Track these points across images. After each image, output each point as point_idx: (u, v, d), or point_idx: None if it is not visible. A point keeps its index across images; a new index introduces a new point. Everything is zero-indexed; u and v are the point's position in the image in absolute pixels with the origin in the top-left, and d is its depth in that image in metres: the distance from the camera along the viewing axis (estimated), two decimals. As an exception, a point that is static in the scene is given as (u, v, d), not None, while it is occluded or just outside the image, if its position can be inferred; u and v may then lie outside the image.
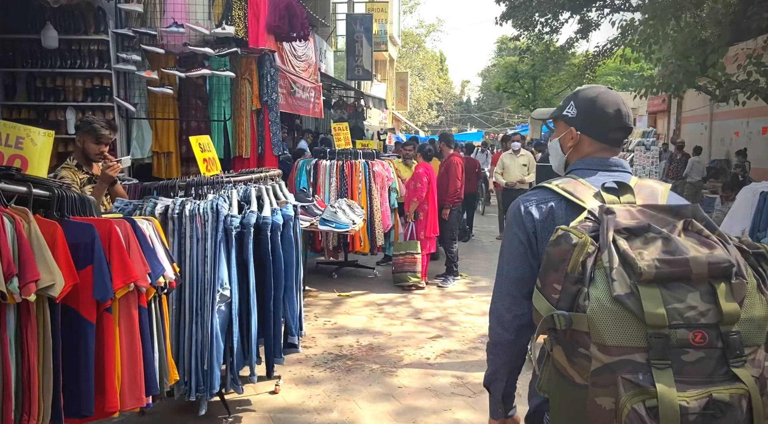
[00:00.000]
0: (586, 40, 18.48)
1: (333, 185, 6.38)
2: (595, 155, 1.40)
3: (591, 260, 1.05)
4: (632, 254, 1.02)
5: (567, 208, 1.29)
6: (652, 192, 1.30)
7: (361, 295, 5.90)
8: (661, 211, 1.14)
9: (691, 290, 1.00)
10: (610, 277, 1.02)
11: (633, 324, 0.99)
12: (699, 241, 1.05)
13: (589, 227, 1.12)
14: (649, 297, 0.98)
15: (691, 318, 0.98)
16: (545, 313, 1.09)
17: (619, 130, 1.40)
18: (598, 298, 1.01)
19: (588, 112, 1.40)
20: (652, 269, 0.99)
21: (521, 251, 1.34)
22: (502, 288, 1.37)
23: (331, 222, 5.12)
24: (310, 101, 10.15)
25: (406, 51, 40.11)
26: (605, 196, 1.23)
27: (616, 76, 36.54)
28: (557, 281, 1.09)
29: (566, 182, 1.33)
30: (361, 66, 17.20)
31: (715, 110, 19.86)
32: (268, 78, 6.15)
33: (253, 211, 2.98)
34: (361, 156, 6.56)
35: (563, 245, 1.09)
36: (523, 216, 1.34)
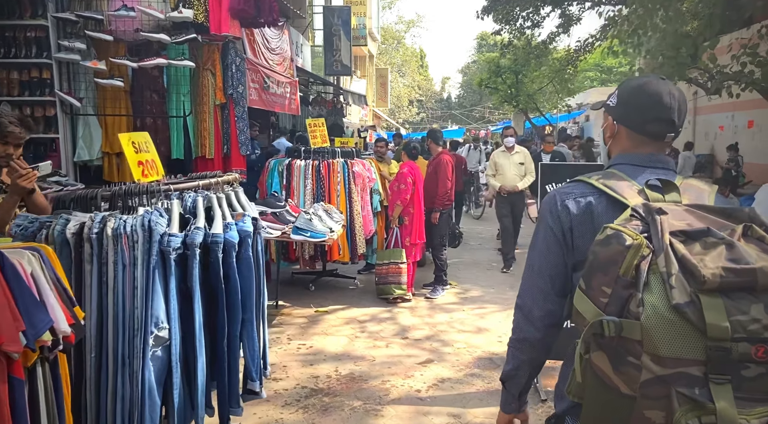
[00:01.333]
0: (567, 35, 18.23)
1: (308, 188, 5.76)
2: (637, 150, 1.31)
3: (645, 264, 0.98)
4: (693, 261, 0.95)
5: (607, 204, 1.21)
6: (698, 192, 1.21)
7: (341, 310, 5.29)
8: (713, 212, 1.06)
9: (755, 301, 0.93)
10: (668, 283, 0.94)
11: (692, 335, 0.92)
12: (762, 249, 0.98)
13: (639, 227, 1.03)
14: (712, 307, 0.92)
15: (754, 331, 0.92)
16: (592, 317, 1.01)
17: (660, 122, 1.27)
18: (653, 305, 0.95)
19: (627, 102, 1.31)
20: (717, 277, 0.92)
21: (555, 246, 1.27)
22: (533, 283, 1.31)
23: (306, 231, 4.50)
24: (286, 97, 9.59)
25: (385, 47, 39.80)
26: (649, 193, 1.15)
27: (596, 71, 36.57)
28: (607, 284, 1.01)
29: (607, 177, 1.24)
30: (340, 61, 16.56)
31: (698, 104, 19.68)
32: (233, 68, 5.50)
33: (199, 227, 2.36)
34: (340, 155, 5.94)
35: (615, 246, 1.01)
36: (560, 209, 1.26)
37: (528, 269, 1.34)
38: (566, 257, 1.27)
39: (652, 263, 0.98)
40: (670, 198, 1.15)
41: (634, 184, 1.21)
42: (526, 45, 20.07)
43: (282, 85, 9.27)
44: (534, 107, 22.09)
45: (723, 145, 17.14)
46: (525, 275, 1.35)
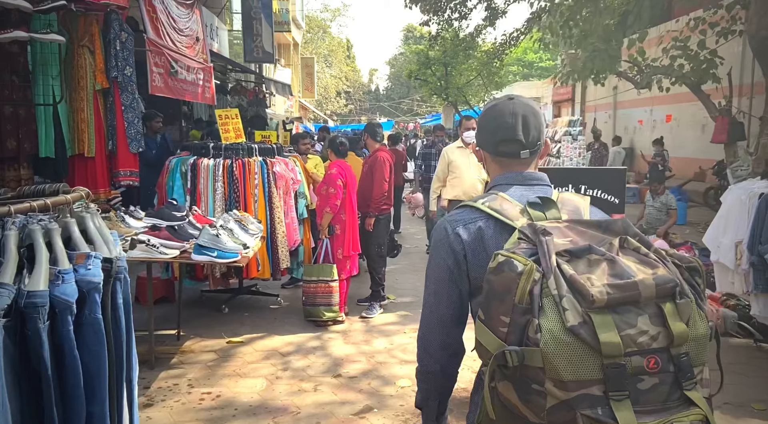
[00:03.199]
0: (493, 28, 18.23)
1: (219, 192, 4.81)
2: (509, 170, 1.32)
3: (538, 288, 0.97)
4: (581, 280, 0.95)
5: (495, 227, 1.21)
6: (575, 206, 1.22)
7: (259, 339, 4.41)
8: (590, 226, 1.08)
9: (641, 313, 0.94)
10: (560, 306, 0.94)
11: (589, 356, 0.92)
12: (639, 260, 1.01)
13: (527, 251, 1.03)
14: (604, 325, 0.92)
15: (643, 343, 0.93)
16: (495, 349, 1.00)
17: (507, 143, 1.30)
18: (550, 329, 0.93)
19: (480, 128, 1.36)
20: (604, 295, 0.93)
21: (450, 277, 1.26)
22: (431, 314, 1.29)
23: (212, 249, 3.59)
24: (198, 84, 8.49)
25: (311, 36, 38.77)
26: (532, 212, 1.17)
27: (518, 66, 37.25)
28: (504, 313, 0.99)
29: (492, 199, 1.25)
30: (261, 47, 15.35)
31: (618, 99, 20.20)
32: (118, 46, 4.45)
33: (5, 283, 1.45)
34: (257, 152, 5.03)
35: (507, 273, 1.00)
36: (451, 238, 1.25)
37: (426, 299, 1.31)
38: (462, 285, 1.26)
39: (543, 287, 0.97)
40: (551, 215, 1.16)
41: (516, 205, 1.21)
42: (454, 37, 19.87)
43: (193, 70, 8.20)
44: (463, 100, 21.86)
45: (642, 140, 17.59)
46: (424, 306, 1.32)
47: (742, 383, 3.59)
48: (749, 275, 3.67)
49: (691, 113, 15.25)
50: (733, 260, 3.73)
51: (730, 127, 8.88)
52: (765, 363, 3.89)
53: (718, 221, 3.92)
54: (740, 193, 3.81)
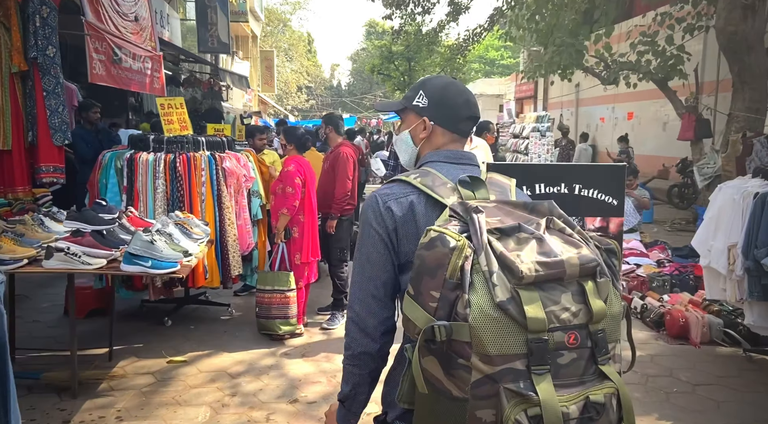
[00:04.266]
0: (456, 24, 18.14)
1: (160, 191, 4.25)
2: (447, 147, 1.35)
3: (469, 264, 0.99)
4: (511, 257, 0.97)
5: (427, 203, 1.22)
6: (502, 187, 1.25)
7: (205, 357, 3.90)
8: (518, 207, 1.12)
9: (564, 290, 0.98)
10: (490, 282, 0.96)
11: (515, 331, 0.94)
12: (564, 240, 1.04)
13: (458, 227, 1.05)
14: (531, 301, 0.95)
15: (565, 320, 0.97)
16: (423, 324, 1.00)
17: (469, 120, 1.36)
18: (479, 305, 0.95)
19: (440, 102, 1.34)
20: (532, 272, 0.95)
21: (383, 250, 1.23)
22: (364, 291, 1.24)
23: (145, 258, 3.06)
24: (146, 74, 7.89)
25: (271, 30, 37.93)
26: (462, 191, 1.18)
27: (480, 63, 37.33)
28: (435, 288, 1.00)
29: (424, 175, 1.25)
30: (216, 37, 14.64)
31: (581, 96, 20.28)
32: (38, 22, 3.86)
33: None
34: (205, 146, 4.50)
35: (440, 249, 1.01)
36: (383, 212, 1.23)
37: (357, 275, 1.26)
38: (394, 260, 1.23)
39: (474, 263, 0.99)
40: (480, 195, 1.18)
41: (448, 182, 1.22)
42: (417, 32, 19.58)
43: (140, 59, 7.59)
44: (427, 96, 21.54)
45: (604, 137, 17.65)
46: (353, 283, 1.27)
47: (738, 400, 3.31)
48: (743, 282, 3.39)
49: (653, 111, 15.35)
50: (725, 265, 3.45)
51: (697, 125, 8.82)
52: (759, 376, 3.64)
53: (708, 222, 3.64)
54: (732, 192, 3.53)
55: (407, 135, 1.38)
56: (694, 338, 4.10)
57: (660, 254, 6.10)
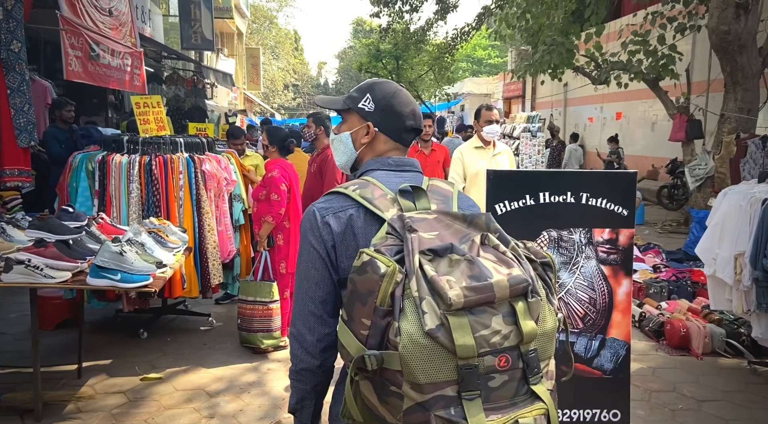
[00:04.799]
0: (444, 22, 18.01)
1: (134, 195, 4.00)
2: (389, 154, 1.32)
3: (399, 290, 0.97)
4: (441, 283, 0.95)
5: (366, 218, 1.19)
6: (444, 196, 1.24)
7: (182, 373, 3.66)
8: (457, 219, 1.10)
9: (495, 313, 0.97)
10: (420, 309, 0.95)
11: (444, 358, 0.93)
12: (497, 258, 1.03)
13: (393, 248, 1.03)
14: (459, 327, 0.93)
15: (496, 343, 0.96)
16: (355, 352, 1.00)
17: (412, 132, 1.34)
18: (409, 332, 0.94)
19: (387, 109, 1.31)
20: (461, 298, 0.93)
21: (321, 267, 1.20)
22: (303, 308, 1.21)
23: (113, 271, 2.81)
24: (125, 71, 7.63)
25: (257, 27, 37.52)
26: (402, 202, 1.17)
27: (467, 62, 37.25)
28: (366, 316, 0.99)
29: (363, 187, 1.21)
30: (200, 33, 14.29)
31: (569, 96, 20.23)
32: (1, 14, 3.57)
33: None
34: (183, 147, 4.25)
35: (370, 275, 0.99)
36: (321, 227, 1.20)
37: (297, 292, 1.24)
38: (334, 276, 1.21)
39: (406, 288, 0.97)
40: (421, 205, 1.17)
41: (388, 193, 1.20)
42: (405, 30, 19.41)
43: (119, 55, 7.32)
44: (415, 95, 21.37)
45: (593, 137, 17.61)
46: (294, 300, 1.25)
47: (746, 418, 3.14)
48: (751, 292, 3.23)
49: (641, 111, 15.30)
50: (732, 275, 3.29)
51: (689, 126, 8.72)
52: (766, 390, 3.47)
53: (713, 229, 3.47)
54: (738, 198, 3.37)
55: (348, 137, 1.34)
56: (696, 348, 3.94)
57: (655, 258, 5.96)
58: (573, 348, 2.29)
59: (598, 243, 2.27)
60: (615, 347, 2.29)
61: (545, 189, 2.25)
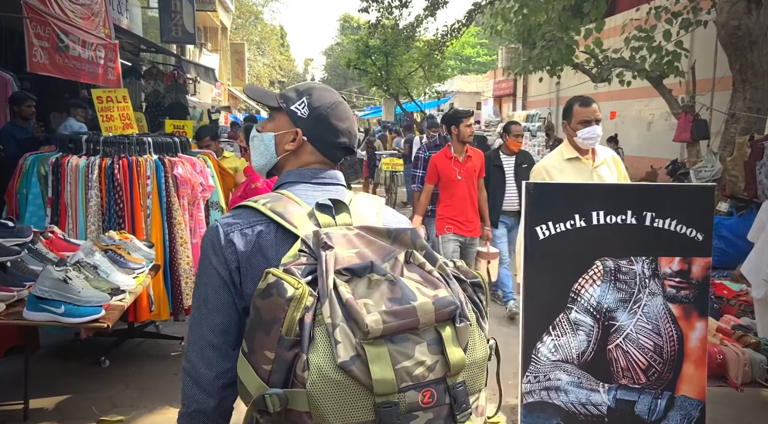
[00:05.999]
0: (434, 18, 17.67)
1: (93, 204, 3.46)
2: (310, 166, 1.18)
3: (310, 316, 0.85)
4: (357, 307, 0.85)
5: (278, 235, 1.05)
6: (368, 210, 1.13)
7: (146, 413, 3.12)
8: (380, 235, 1.00)
9: (419, 340, 0.87)
10: (333, 338, 0.83)
11: (360, 395, 0.82)
12: (423, 278, 0.94)
13: (305, 268, 0.91)
14: (377, 359, 0.83)
15: (420, 376, 0.86)
16: (255, 391, 0.87)
17: (344, 150, 1.21)
18: (319, 366, 0.83)
19: (322, 119, 1.18)
20: (380, 324, 0.83)
21: (223, 291, 1.05)
22: (200, 338, 1.05)
23: (56, 303, 2.28)
24: (98, 64, 7.12)
25: (242, 22, 36.91)
26: (320, 217, 1.04)
27: (456, 60, 36.88)
28: (270, 347, 0.86)
29: (275, 200, 1.08)
30: (181, 26, 13.67)
31: (561, 95, 19.90)
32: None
33: None
34: (152, 148, 3.71)
35: (275, 298, 0.86)
36: (224, 246, 1.05)
37: (194, 320, 1.08)
38: (238, 303, 1.06)
39: (317, 314, 0.86)
40: (341, 220, 1.04)
41: (304, 208, 1.08)
42: (394, 26, 18.97)
43: (91, 46, 6.81)
44: (405, 92, 20.87)
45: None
46: (190, 329, 1.08)
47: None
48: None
49: (637, 110, 14.98)
50: (788, 300, 2.85)
51: (694, 125, 8.35)
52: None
53: (762, 247, 3.03)
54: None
55: (271, 139, 1.21)
56: (735, 378, 3.49)
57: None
58: (634, 408, 1.81)
59: (666, 275, 1.80)
60: (686, 407, 1.82)
61: (600, 207, 1.77)
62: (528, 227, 1.77)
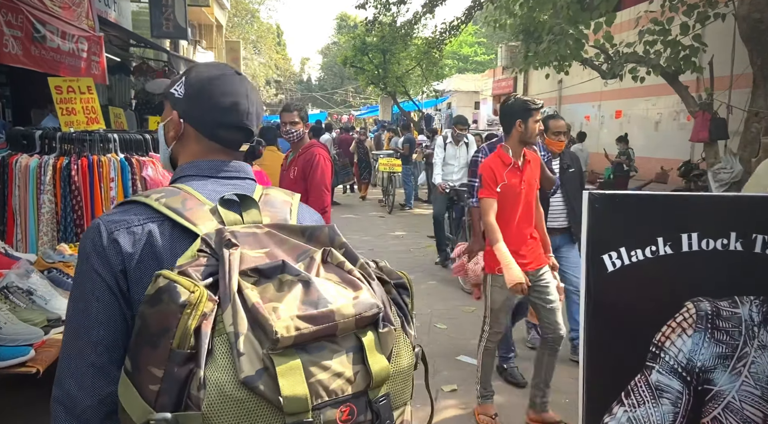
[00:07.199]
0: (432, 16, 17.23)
1: (47, 210, 2.97)
2: (208, 157, 1.03)
3: (208, 325, 0.73)
4: (265, 312, 0.74)
5: (173, 234, 0.90)
6: (281, 207, 1.00)
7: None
8: (294, 233, 0.90)
9: (337, 349, 0.77)
10: (235, 349, 0.72)
11: (268, 415, 0.72)
12: (342, 278, 0.84)
13: (204, 269, 0.79)
14: (288, 373, 0.72)
15: (338, 390, 0.76)
16: (139, 418, 0.74)
17: (234, 130, 1.03)
18: (218, 383, 0.71)
19: (196, 97, 1.02)
20: (291, 331, 0.73)
21: (107, 298, 0.88)
22: (78, 357, 0.86)
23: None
24: (81, 57, 6.60)
25: (238, 21, 36.53)
26: (225, 214, 0.91)
27: (453, 59, 36.45)
28: (157, 363, 0.73)
29: (171, 195, 0.94)
30: (173, 20, 13.15)
31: (564, 93, 19.46)
32: None
33: None
34: (117, 145, 3.22)
35: (166, 305, 0.74)
36: (106, 246, 0.89)
37: (69, 337, 0.89)
38: (126, 313, 0.89)
39: (218, 321, 0.74)
40: (250, 218, 0.92)
41: (206, 203, 0.94)
42: (392, 23, 18.56)
43: (72, 38, 6.29)
44: (403, 91, 20.40)
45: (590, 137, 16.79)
46: (65, 349, 0.89)
47: None
48: None
49: (643, 108, 14.51)
50: None
51: (712, 124, 7.90)
52: None
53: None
54: None
55: (161, 129, 1.07)
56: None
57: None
58: None
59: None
60: None
61: (692, 227, 1.28)
62: (591, 255, 1.27)
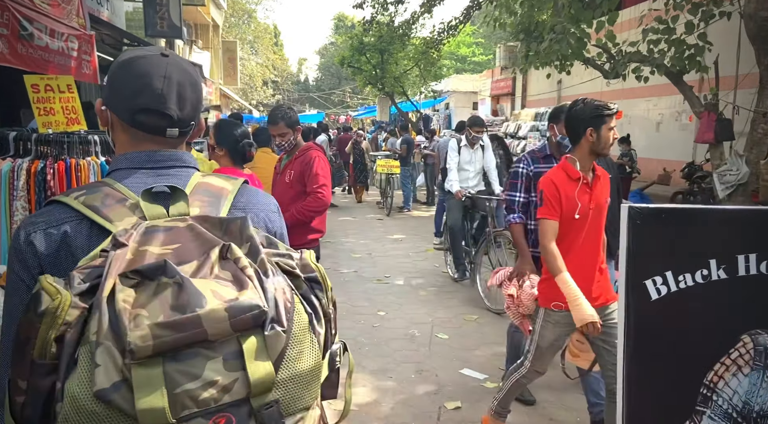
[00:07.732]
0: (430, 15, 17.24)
1: (20, 218, 2.77)
2: (137, 148, 0.98)
3: (74, 333, 0.71)
4: (125, 320, 0.69)
5: (91, 233, 0.87)
6: (215, 196, 0.94)
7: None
8: (214, 227, 0.85)
9: (212, 356, 0.71)
10: (93, 359, 0.68)
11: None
12: (232, 277, 0.77)
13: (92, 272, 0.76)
14: (146, 384, 0.67)
15: (210, 399, 0.70)
16: None
17: (151, 114, 0.95)
18: (74, 396, 0.68)
19: (111, 81, 0.97)
20: (148, 340, 0.68)
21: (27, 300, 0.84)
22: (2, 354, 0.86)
23: None
24: (71, 56, 6.41)
25: (235, 21, 36.33)
26: (147, 208, 0.86)
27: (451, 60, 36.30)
28: (22, 375, 0.71)
29: (93, 192, 0.90)
30: (167, 19, 12.94)
31: (563, 94, 19.29)
32: None
33: None
34: (98, 148, 3.02)
35: (31, 313, 0.72)
36: (24, 249, 0.88)
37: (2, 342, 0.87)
38: None
39: (85, 330, 0.71)
40: (176, 210, 0.87)
41: (129, 198, 0.90)
42: (390, 22, 18.38)
43: (62, 37, 6.08)
44: (401, 91, 20.20)
45: (590, 137, 16.65)
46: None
47: None
48: None
49: (645, 109, 14.34)
50: None
51: (718, 125, 7.72)
52: None
53: None
54: None
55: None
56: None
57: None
58: None
59: None
60: None
61: (750, 247, 1.07)
62: (631, 280, 1.07)
